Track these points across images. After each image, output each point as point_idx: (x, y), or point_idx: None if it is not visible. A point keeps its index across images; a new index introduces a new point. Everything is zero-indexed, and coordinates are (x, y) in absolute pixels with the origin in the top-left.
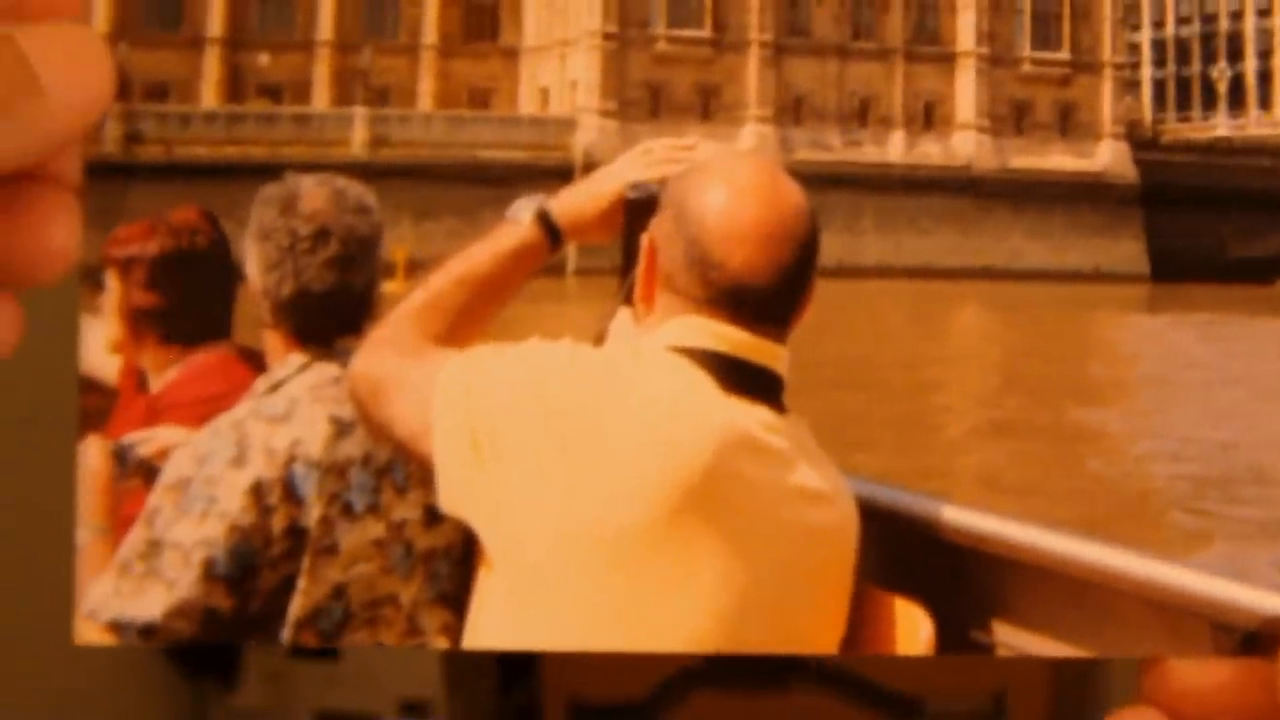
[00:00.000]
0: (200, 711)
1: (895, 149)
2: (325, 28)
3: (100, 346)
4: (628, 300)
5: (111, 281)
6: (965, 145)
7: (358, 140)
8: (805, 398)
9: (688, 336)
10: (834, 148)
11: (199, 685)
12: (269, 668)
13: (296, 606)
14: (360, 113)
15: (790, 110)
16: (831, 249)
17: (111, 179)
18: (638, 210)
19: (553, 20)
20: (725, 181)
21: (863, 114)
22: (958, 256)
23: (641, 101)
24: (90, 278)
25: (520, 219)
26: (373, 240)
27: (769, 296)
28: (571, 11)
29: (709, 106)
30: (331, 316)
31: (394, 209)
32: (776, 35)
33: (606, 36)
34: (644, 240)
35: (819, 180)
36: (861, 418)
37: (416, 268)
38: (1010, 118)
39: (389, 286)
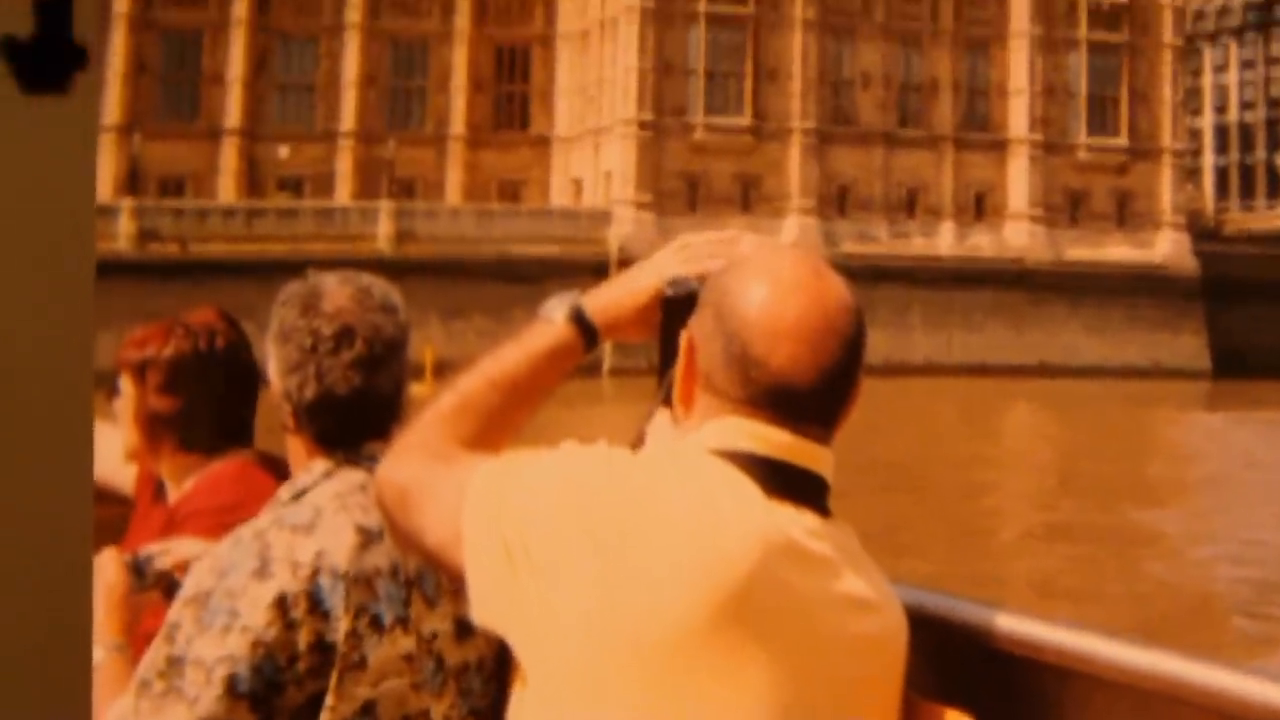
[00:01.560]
0: None
1: (945, 241)
2: (348, 118)
3: (115, 454)
4: (666, 401)
5: (126, 386)
6: (1018, 236)
7: (382, 235)
8: (851, 501)
9: (728, 439)
10: (880, 240)
11: None
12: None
13: None
14: (385, 206)
15: (834, 201)
16: (878, 346)
17: (125, 278)
18: (676, 307)
19: (586, 109)
20: (767, 276)
21: (910, 204)
22: (1011, 352)
23: (679, 193)
24: (104, 383)
25: (553, 317)
26: (399, 340)
27: (813, 396)
28: (605, 99)
29: (749, 197)
30: (357, 421)
31: (421, 307)
32: (820, 123)
33: (642, 125)
34: (682, 338)
35: (865, 274)
36: (910, 521)
37: (445, 369)
38: (1065, 207)
39: (416, 389)
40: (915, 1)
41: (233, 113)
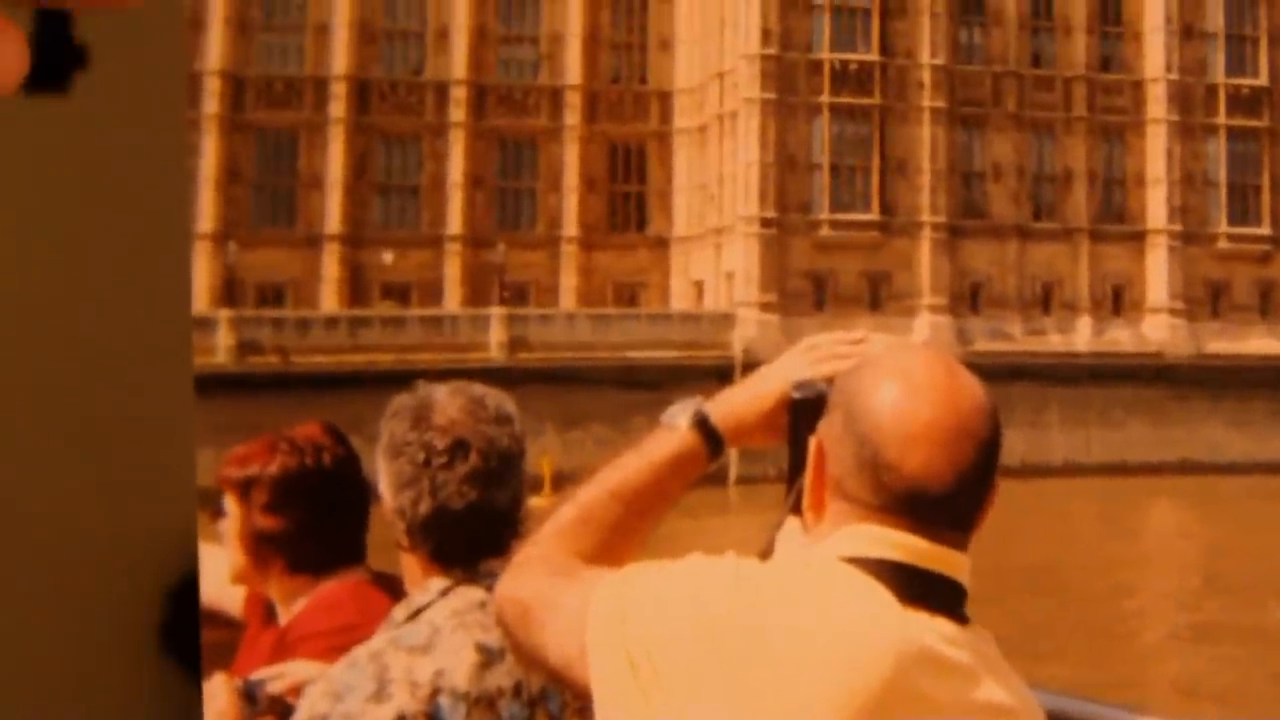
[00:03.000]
0: (201, 710)
1: (1082, 336)
2: (454, 221)
3: (222, 576)
4: (795, 509)
5: (231, 505)
6: (1157, 330)
7: (494, 343)
8: (989, 607)
9: (861, 546)
10: (1015, 337)
11: (199, 684)
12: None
13: None
14: (496, 313)
15: (967, 298)
16: (1014, 446)
17: (225, 393)
18: (804, 411)
19: (705, 207)
20: (898, 377)
21: (1046, 300)
22: (1151, 450)
23: (805, 293)
24: (208, 502)
25: (676, 424)
26: (515, 452)
27: (948, 500)
28: (726, 197)
29: (878, 296)
30: (473, 536)
31: (537, 417)
32: (950, 216)
33: (765, 223)
34: (811, 443)
35: (1000, 373)
36: (1050, 626)
37: (564, 481)
38: (1206, 299)
39: (535, 502)
40: (1047, 89)
41: (332, 217)
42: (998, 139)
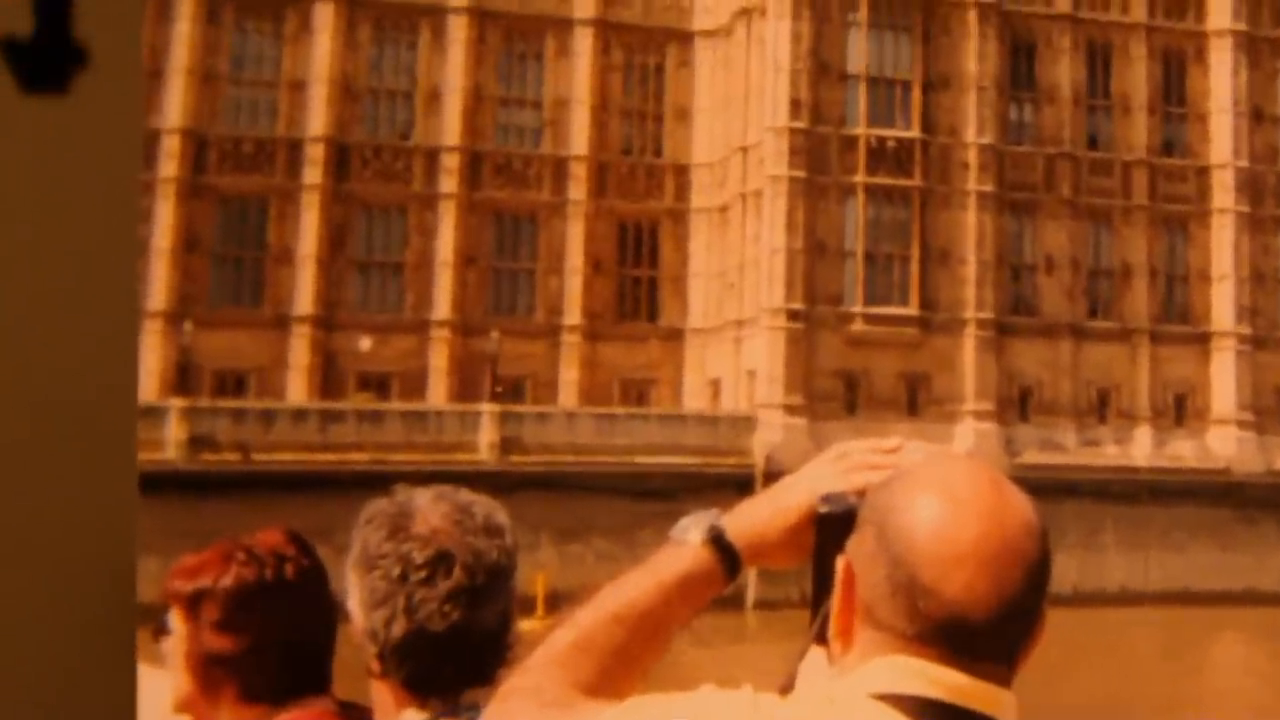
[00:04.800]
0: None
1: (1141, 449)
2: (443, 305)
3: (164, 704)
4: (820, 638)
5: (177, 622)
6: (1224, 444)
7: (485, 444)
8: None
9: (894, 681)
10: (1068, 448)
11: None
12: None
13: None
14: (487, 410)
15: (1015, 403)
16: (1066, 571)
17: (174, 493)
18: (831, 527)
19: (724, 296)
20: (937, 491)
21: (1101, 407)
22: (1216, 577)
23: (835, 394)
24: (150, 618)
25: (688, 540)
26: (505, 567)
27: (992, 630)
28: (748, 285)
29: (917, 399)
30: (455, 663)
31: (531, 528)
32: (997, 313)
33: (791, 315)
34: (839, 564)
35: (1050, 488)
36: None
37: (560, 601)
38: (1277, 410)
39: (526, 624)
40: (1105, 174)
41: (304, 296)
42: (1050, 227)
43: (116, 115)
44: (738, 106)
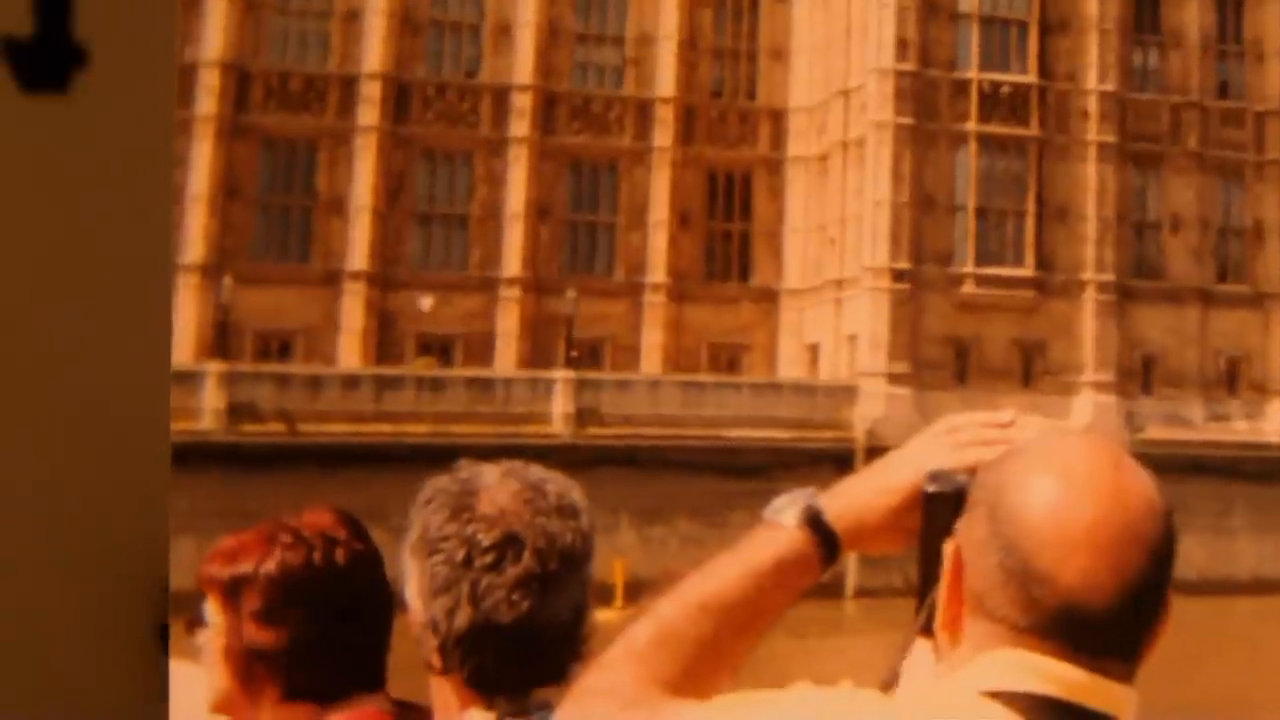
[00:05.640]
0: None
1: (1274, 424)
2: (512, 261)
3: (199, 704)
4: (926, 629)
5: (214, 613)
6: None
7: (558, 415)
8: None
9: (1005, 676)
10: (1195, 423)
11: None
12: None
13: None
14: (561, 377)
15: (1137, 374)
16: (1192, 556)
17: (212, 468)
18: (939, 508)
19: (823, 253)
20: (1053, 470)
21: (1231, 378)
22: None
23: (943, 362)
24: (183, 608)
25: (782, 521)
26: (580, 552)
27: (1112, 621)
28: (849, 242)
29: (1031, 369)
30: (524, 658)
31: (609, 509)
32: (1119, 275)
33: (896, 275)
34: (947, 549)
35: (1176, 466)
36: None
37: (640, 590)
38: None
39: (603, 615)
40: (1236, 125)
41: (358, 251)
42: (1176, 183)
43: (116, 115)
44: (839, 46)
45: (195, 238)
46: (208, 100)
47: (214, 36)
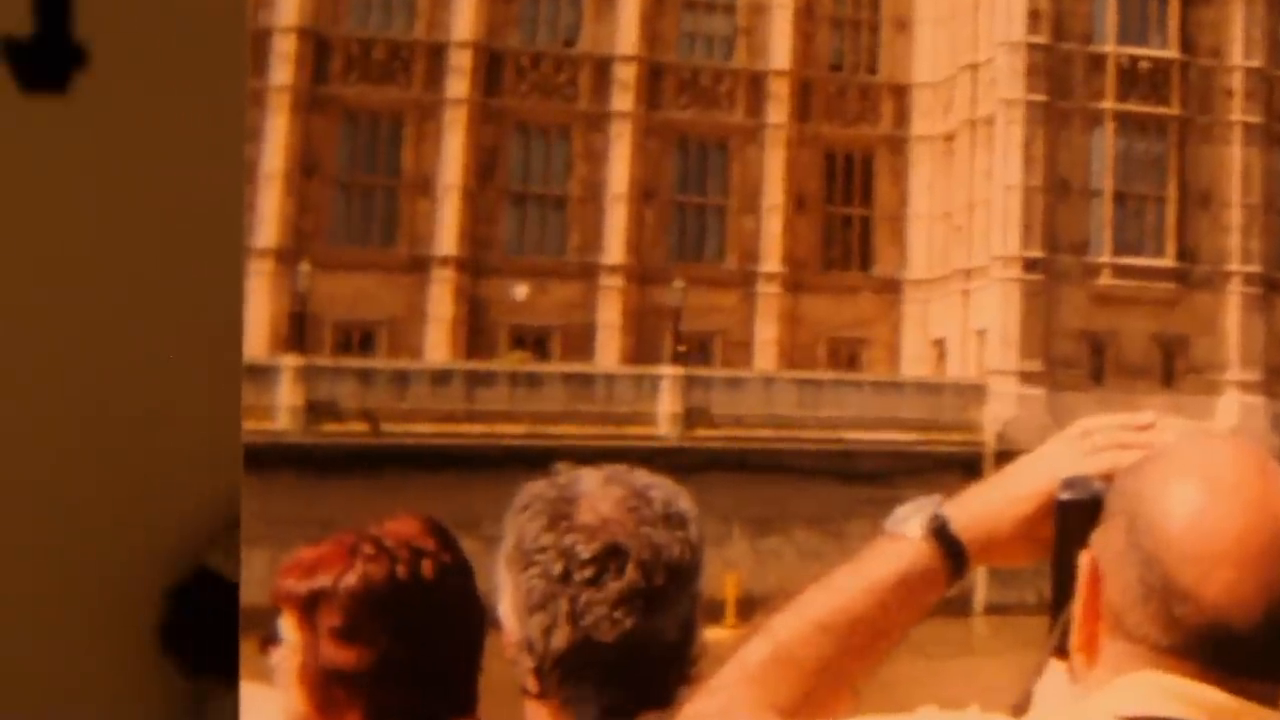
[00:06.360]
0: (201, 710)
1: None
2: (614, 247)
3: None
4: (1060, 650)
5: (290, 630)
6: None
7: (664, 414)
8: None
9: (1146, 701)
10: None
11: (200, 683)
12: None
13: None
14: (668, 374)
15: None
16: None
17: (288, 472)
18: (1074, 518)
19: (950, 240)
20: (1196, 477)
21: None
22: None
23: (1078, 359)
24: (257, 625)
25: (906, 532)
26: (688, 565)
27: (1260, 641)
28: (978, 229)
29: (1173, 367)
30: (628, 680)
31: (720, 518)
32: (1267, 266)
33: (1028, 265)
34: (1082, 562)
35: None
36: None
37: (754, 606)
38: None
39: (713, 634)
40: None
41: (447, 234)
42: None
43: (116, 115)
44: (966, 16)
45: (269, 220)
46: (283, 69)
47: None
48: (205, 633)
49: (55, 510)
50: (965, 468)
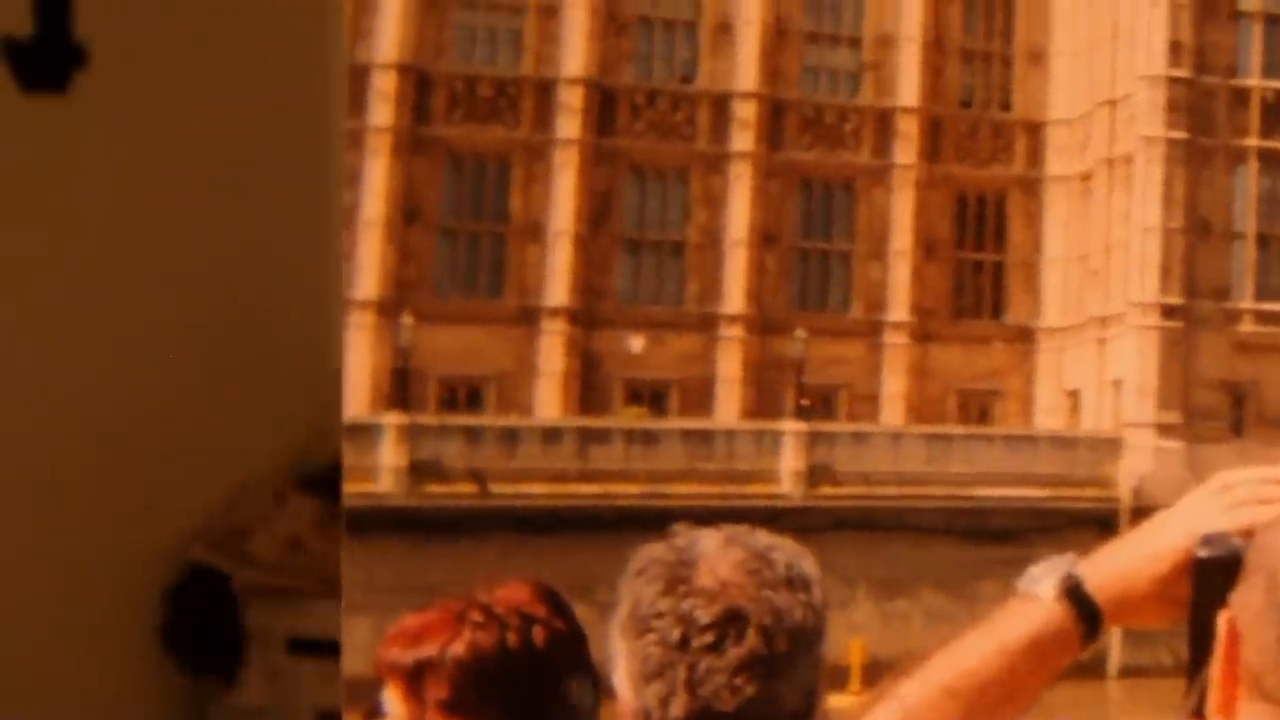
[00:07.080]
0: (201, 710)
1: None
2: (734, 296)
3: None
4: (1197, 713)
5: (395, 703)
6: None
7: (787, 472)
8: None
9: None
10: None
11: (200, 683)
12: (269, 666)
13: None
14: (790, 429)
15: None
16: None
17: (391, 536)
18: (1212, 576)
19: (1086, 286)
20: None
21: None
22: None
23: (1218, 411)
24: (360, 696)
25: (1038, 593)
26: (812, 630)
27: None
28: (1115, 273)
29: None
30: None
31: (845, 580)
32: None
33: (1166, 312)
34: (1220, 621)
35: None
36: None
37: (880, 671)
38: None
39: (838, 701)
40: None
41: (558, 284)
42: None
43: (116, 115)
44: (1104, 49)
45: (369, 270)
46: (383, 109)
47: (389, 34)
48: (205, 632)
49: (55, 510)
50: (1100, 525)
